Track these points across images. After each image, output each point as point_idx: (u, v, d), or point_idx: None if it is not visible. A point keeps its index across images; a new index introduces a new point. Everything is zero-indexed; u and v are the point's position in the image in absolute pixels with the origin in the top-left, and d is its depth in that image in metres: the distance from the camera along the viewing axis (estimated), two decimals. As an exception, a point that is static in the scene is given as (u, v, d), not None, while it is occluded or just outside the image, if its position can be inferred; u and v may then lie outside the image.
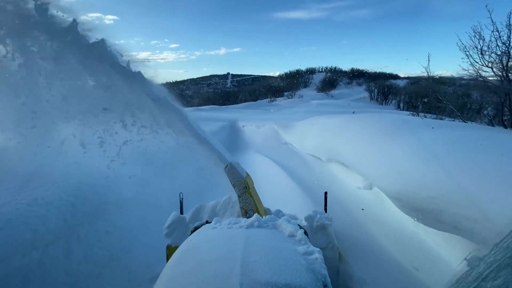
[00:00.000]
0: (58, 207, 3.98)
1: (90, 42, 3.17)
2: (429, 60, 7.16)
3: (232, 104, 64.12)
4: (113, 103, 3.68)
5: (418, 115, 10.63)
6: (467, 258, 2.03)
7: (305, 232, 2.04)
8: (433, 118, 9.62)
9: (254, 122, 19.11)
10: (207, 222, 2.38)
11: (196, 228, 2.24)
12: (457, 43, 6.95)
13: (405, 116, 8.49)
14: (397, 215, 5.11)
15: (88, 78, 3.48)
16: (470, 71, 6.73)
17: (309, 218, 3.47)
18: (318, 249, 1.73)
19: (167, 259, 3.07)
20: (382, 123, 5.79)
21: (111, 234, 4.54)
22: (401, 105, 70.61)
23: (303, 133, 10.71)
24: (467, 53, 6.79)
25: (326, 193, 4.07)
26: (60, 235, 3.76)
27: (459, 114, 6.99)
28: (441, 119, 9.83)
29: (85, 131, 5.27)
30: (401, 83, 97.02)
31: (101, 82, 3.45)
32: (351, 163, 6.00)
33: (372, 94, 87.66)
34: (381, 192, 6.24)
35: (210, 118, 19.29)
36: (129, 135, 4.48)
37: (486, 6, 6.09)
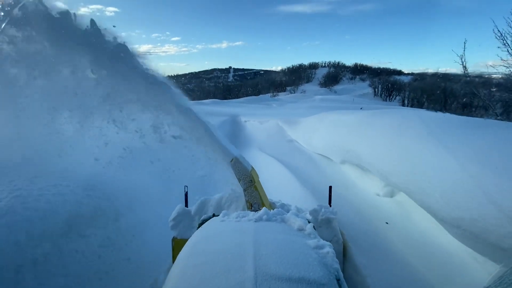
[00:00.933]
0: (9, 224, 3.11)
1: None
2: (464, 48, 6.18)
3: (234, 98, 63.02)
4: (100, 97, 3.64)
5: (437, 112, 9.67)
6: None
7: (313, 226, 2.03)
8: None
9: (257, 117, 18.15)
10: (214, 215, 2.38)
11: (204, 221, 2.23)
12: (493, 29, 6.01)
13: (430, 113, 7.50)
14: (431, 233, 4.23)
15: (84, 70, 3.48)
16: (509, 61, 5.80)
17: (314, 212, 3.48)
18: (328, 243, 1.71)
19: (173, 251, 3.11)
20: (413, 122, 4.85)
21: (82, 255, 3.67)
22: (406, 101, 69.86)
23: (311, 130, 9.80)
24: (505, 41, 5.85)
25: (330, 187, 4.09)
26: (7, 264, 2.88)
27: (496, 111, 6.05)
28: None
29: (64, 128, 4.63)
30: (405, 79, 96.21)
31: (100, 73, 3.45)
32: (375, 168, 5.10)
33: (376, 90, 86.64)
34: (406, 201, 5.37)
35: (211, 113, 18.37)
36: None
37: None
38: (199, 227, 2.13)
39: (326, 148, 7.68)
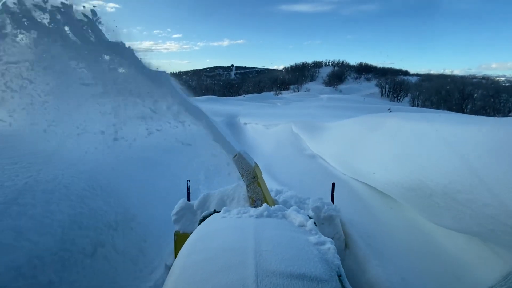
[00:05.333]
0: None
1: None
2: None
3: (235, 95, 58.84)
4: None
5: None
6: None
7: (314, 223, 1.96)
8: None
9: (261, 119, 14.42)
10: (215, 211, 2.39)
11: (204, 218, 2.24)
12: None
13: None
14: None
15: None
16: None
17: (316, 209, 3.43)
18: (330, 239, 1.68)
19: (175, 245, 3.21)
20: None
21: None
22: (416, 102, 66.08)
23: (351, 143, 6.09)
24: None
25: (333, 184, 3.92)
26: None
27: None
28: None
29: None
30: (412, 79, 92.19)
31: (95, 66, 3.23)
32: None
33: (383, 90, 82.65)
34: None
35: (204, 111, 14.70)
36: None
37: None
38: (200, 223, 2.13)
39: (397, 186, 3.96)
